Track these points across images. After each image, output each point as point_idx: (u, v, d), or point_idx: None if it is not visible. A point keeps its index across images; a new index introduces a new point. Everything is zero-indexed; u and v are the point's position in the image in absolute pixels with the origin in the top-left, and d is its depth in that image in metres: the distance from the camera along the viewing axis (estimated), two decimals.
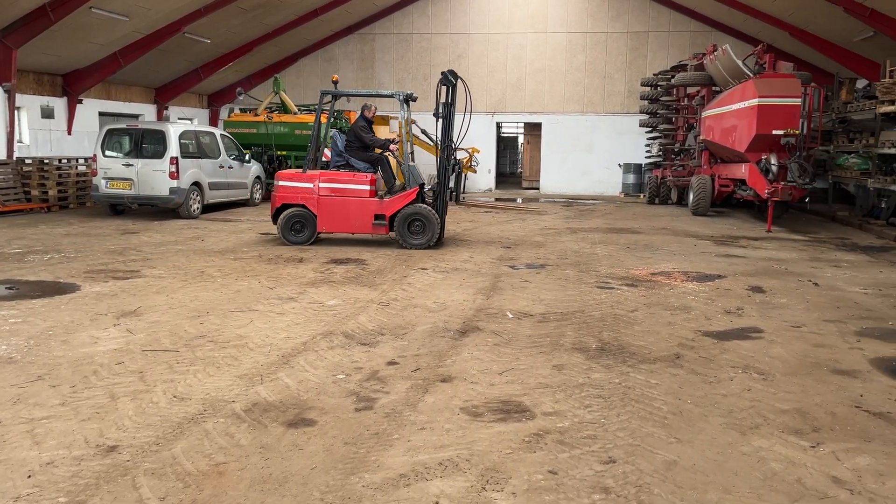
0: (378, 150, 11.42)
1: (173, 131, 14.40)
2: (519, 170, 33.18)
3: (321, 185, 11.04)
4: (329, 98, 11.39)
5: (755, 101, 14.23)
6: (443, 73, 11.06)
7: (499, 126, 25.82)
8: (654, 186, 20.58)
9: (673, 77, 19.33)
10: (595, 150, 23.71)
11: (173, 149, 14.16)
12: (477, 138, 23.51)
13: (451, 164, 11.12)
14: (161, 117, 21.18)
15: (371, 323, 6.65)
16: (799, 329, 6.62)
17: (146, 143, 14.41)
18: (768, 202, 14.20)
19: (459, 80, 11.17)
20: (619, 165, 23.44)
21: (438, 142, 11.14)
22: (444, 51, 24.28)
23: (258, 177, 17.72)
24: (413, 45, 24.40)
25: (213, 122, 23.96)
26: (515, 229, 13.97)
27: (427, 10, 24.21)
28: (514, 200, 21.35)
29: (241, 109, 20.60)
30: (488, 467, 3.77)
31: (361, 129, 11.38)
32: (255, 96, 22.17)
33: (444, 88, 11.06)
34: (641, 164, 22.92)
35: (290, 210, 11.15)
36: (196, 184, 14.83)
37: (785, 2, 17.54)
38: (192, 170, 14.70)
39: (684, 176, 19.20)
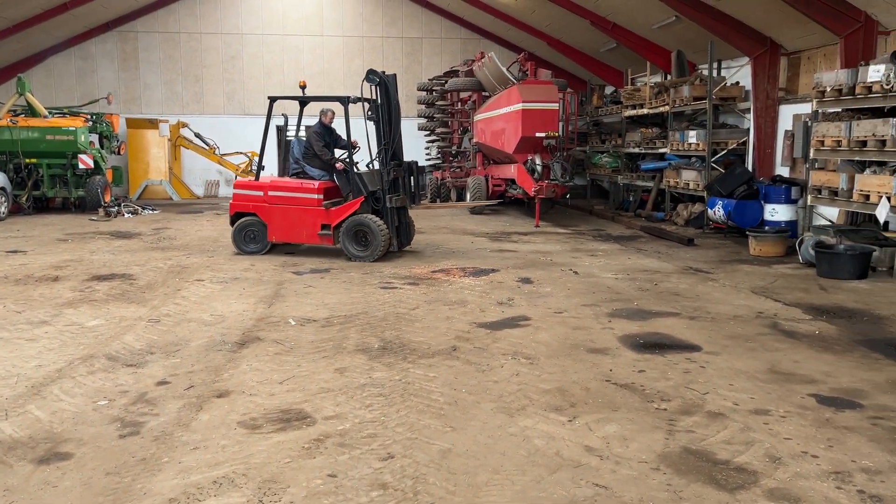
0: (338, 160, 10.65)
1: None
2: None
3: (270, 193, 10.67)
4: (298, 103, 11.06)
5: (519, 106, 15.28)
6: (367, 72, 10.51)
7: (280, 129, 25.20)
8: (435, 187, 21.33)
9: (446, 82, 20.17)
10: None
11: None
12: (257, 141, 22.77)
13: (389, 168, 10.43)
14: None
15: (139, 342, 6.20)
16: (561, 315, 7.22)
17: None
18: (535, 199, 15.33)
19: (387, 77, 10.54)
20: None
21: (379, 144, 10.50)
22: (217, 51, 23.26)
23: (2, 188, 15.75)
24: (181, 45, 23.08)
25: None
26: None
27: (195, 9, 23.02)
28: None
29: None
30: (266, 479, 3.68)
31: (315, 136, 10.68)
32: None
33: (373, 88, 10.46)
34: (423, 167, 23.63)
35: (244, 219, 10.92)
36: None
37: (542, 14, 19.05)
38: None
39: (462, 177, 20.11)
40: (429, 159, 23.36)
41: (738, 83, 14.41)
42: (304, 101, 11.28)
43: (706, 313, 7.26)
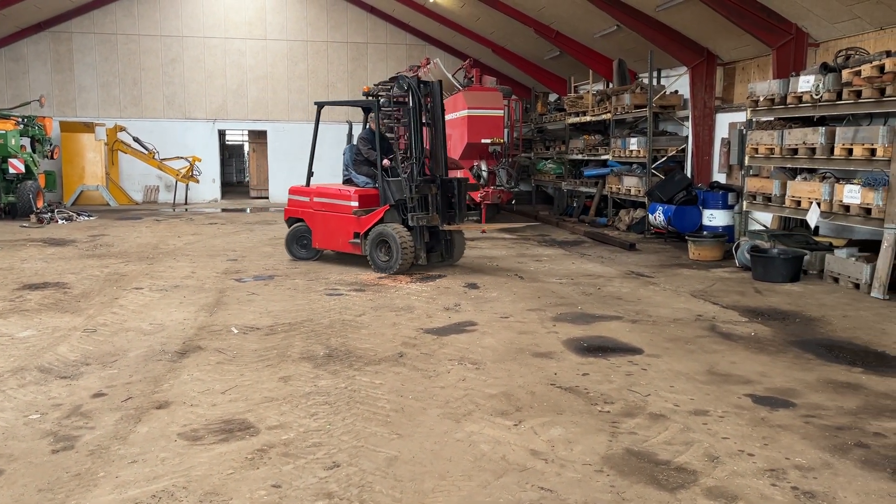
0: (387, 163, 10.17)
1: None
2: (246, 179, 32.22)
3: (315, 199, 10.70)
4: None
5: (465, 112, 15.37)
6: (397, 78, 10.12)
7: (222, 133, 24.77)
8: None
9: (392, 88, 20.13)
10: (323, 159, 23.55)
11: None
12: (198, 146, 22.41)
13: (412, 185, 9.66)
14: None
15: (73, 353, 5.99)
16: (507, 319, 7.28)
17: None
18: (481, 205, 15.42)
19: (416, 83, 10.12)
20: None
21: (411, 156, 9.89)
22: (156, 54, 22.73)
23: None
24: (119, 47, 22.47)
25: None
26: (243, 241, 13.54)
27: (133, 10, 22.44)
28: (244, 210, 20.68)
29: None
30: (208, 492, 3.60)
31: (362, 142, 10.45)
32: None
33: (405, 94, 10.01)
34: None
35: (296, 224, 11.09)
36: None
37: (486, 21, 19.22)
38: None
39: None
40: None
41: (676, 92, 14.80)
42: (367, 108, 10.93)
43: (647, 317, 7.42)
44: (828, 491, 3.65)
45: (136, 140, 20.25)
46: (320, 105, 10.97)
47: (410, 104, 10.08)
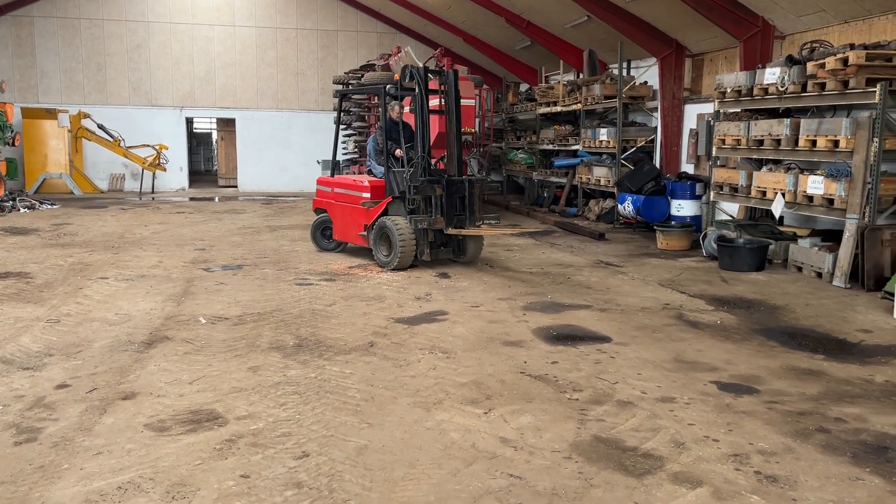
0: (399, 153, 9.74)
1: None
2: (215, 167, 31.79)
3: (336, 190, 10.55)
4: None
5: (436, 101, 15.29)
6: (402, 68, 9.76)
7: (189, 121, 24.39)
8: None
9: (363, 76, 19.99)
10: (293, 147, 23.61)
11: None
12: (166, 134, 22.06)
13: (413, 185, 9.12)
14: None
15: (36, 344, 5.88)
16: (477, 308, 7.30)
17: None
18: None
19: (436, 73, 9.80)
20: (318, 162, 23.64)
21: (417, 148, 9.43)
22: (121, 39, 22.26)
23: None
24: (82, 32, 21.96)
25: None
26: (211, 230, 13.37)
27: None
28: (212, 199, 20.42)
29: None
30: (175, 482, 3.56)
31: (379, 132, 10.28)
32: None
33: (414, 83, 9.50)
34: (339, 161, 23.38)
35: (321, 215, 10.97)
36: None
37: (458, 10, 19.16)
38: None
39: None
40: (346, 153, 23.14)
41: (646, 83, 14.91)
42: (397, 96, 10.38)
43: (616, 305, 7.49)
44: (790, 475, 3.73)
45: (100, 127, 19.87)
46: (341, 95, 11.04)
47: (416, 92, 9.67)
